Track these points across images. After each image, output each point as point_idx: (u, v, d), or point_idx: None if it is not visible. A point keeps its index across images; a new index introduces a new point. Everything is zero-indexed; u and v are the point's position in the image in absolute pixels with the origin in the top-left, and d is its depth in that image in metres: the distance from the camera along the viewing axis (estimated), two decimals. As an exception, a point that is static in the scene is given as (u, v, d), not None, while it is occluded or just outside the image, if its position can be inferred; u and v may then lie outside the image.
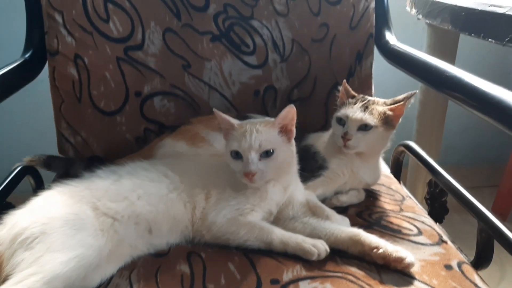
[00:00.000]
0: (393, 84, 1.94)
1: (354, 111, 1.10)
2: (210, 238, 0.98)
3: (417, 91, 1.10)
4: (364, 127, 1.09)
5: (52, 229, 0.84)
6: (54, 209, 0.89)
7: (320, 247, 0.92)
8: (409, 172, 2.11)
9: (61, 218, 0.87)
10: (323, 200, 1.14)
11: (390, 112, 1.10)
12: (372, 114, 1.09)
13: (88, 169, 1.20)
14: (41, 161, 1.25)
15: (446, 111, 1.97)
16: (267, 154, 0.95)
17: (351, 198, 1.16)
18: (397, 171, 1.39)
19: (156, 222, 0.95)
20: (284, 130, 0.99)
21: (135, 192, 0.96)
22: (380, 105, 1.12)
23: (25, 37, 1.33)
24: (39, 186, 1.29)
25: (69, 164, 1.28)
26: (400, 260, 0.89)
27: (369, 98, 1.15)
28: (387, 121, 1.11)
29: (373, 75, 1.48)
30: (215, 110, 1.00)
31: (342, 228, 0.98)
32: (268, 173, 0.96)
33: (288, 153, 1.01)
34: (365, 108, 1.10)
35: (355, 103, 1.12)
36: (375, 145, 1.13)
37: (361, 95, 1.17)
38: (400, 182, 1.34)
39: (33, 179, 1.29)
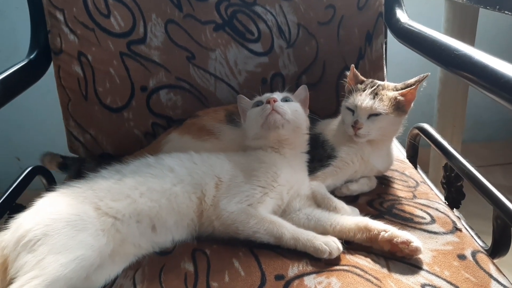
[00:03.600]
0: (414, 64, 1.88)
1: (363, 99, 1.05)
2: (220, 225, 0.96)
3: (429, 73, 1.04)
4: (375, 114, 1.04)
5: (54, 230, 0.84)
6: (57, 210, 0.89)
7: (332, 245, 0.88)
8: (432, 153, 2.04)
9: (63, 219, 0.87)
10: (333, 190, 1.11)
11: (401, 98, 1.05)
12: (382, 101, 1.04)
13: (98, 167, 1.23)
14: (58, 163, 1.27)
15: (468, 89, 1.89)
16: (287, 100, 1.08)
17: (362, 186, 1.12)
18: (413, 155, 1.33)
19: (159, 218, 0.94)
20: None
21: (138, 190, 0.95)
22: (390, 90, 1.07)
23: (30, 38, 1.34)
24: (51, 185, 1.29)
25: (81, 163, 1.29)
26: (407, 242, 0.86)
27: (379, 82, 1.10)
28: (399, 107, 1.05)
29: (385, 55, 1.42)
30: (240, 95, 1.16)
31: (348, 217, 0.96)
32: (287, 111, 1.03)
33: (304, 117, 1.10)
34: (375, 94, 1.05)
35: (364, 90, 1.07)
36: (386, 131, 1.08)
37: (370, 80, 1.12)
38: (416, 167, 1.29)
39: (44, 179, 1.30)
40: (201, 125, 1.20)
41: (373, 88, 1.07)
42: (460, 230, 0.95)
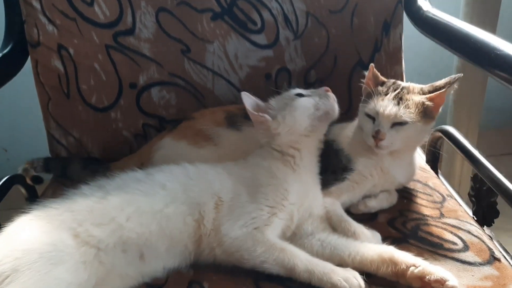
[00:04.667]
0: (426, 47, 1.73)
1: (385, 105, 0.90)
2: (222, 253, 0.83)
3: (461, 74, 0.90)
4: (399, 123, 0.90)
5: (26, 265, 0.72)
6: (29, 239, 0.76)
7: (353, 282, 0.75)
8: (445, 145, 1.89)
9: (36, 250, 0.74)
10: (349, 207, 0.97)
11: (429, 103, 0.91)
12: (408, 107, 0.89)
13: (85, 168, 1.11)
14: (39, 166, 1.16)
15: (487, 79, 1.75)
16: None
17: (381, 202, 0.98)
18: (434, 160, 1.20)
19: (148, 246, 0.81)
20: None
21: (124, 211, 0.81)
22: (416, 93, 0.92)
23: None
24: (31, 195, 1.17)
25: (66, 165, 1.17)
26: (442, 281, 0.73)
27: (402, 84, 0.95)
28: (426, 113, 0.91)
29: (403, 48, 1.28)
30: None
31: (370, 245, 0.83)
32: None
33: None
34: (399, 99, 0.91)
35: (386, 94, 0.93)
36: (412, 141, 0.94)
37: (392, 81, 0.97)
38: (438, 175, 1.16)
39: (23, 188, 1.16)
40: (198, 129, 1.07)
41: (396, 92, 0.92)
42: (499, 260, 0.82)
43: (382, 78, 0.98)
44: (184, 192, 0.86)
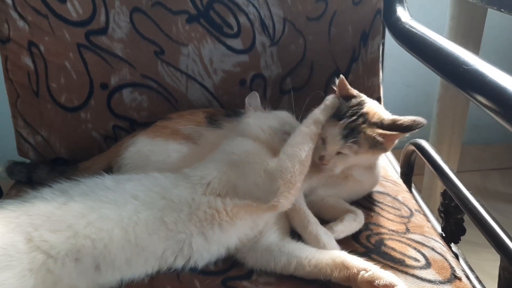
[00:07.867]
0: (413, 58, 1.73)
1: (333, 136, 0.87)
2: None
3: (425, 123, 0.84)
4: None
5: (-29, 266, 0.69)
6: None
7: None
8: (426, 169, 1.87)
9: (-15, 252, 0.71)
10: None
11: (380, 138, 0.86)
12: (357, 142, 0.86)
13: (53, 171, 1.08)
14: (5, 167, 1.12)
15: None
16: None
17: (349, 225, 0.91)
18: (408, 174, 1.18)
19: (106, 256, 0.77)
20: None
21: (84, 218, 0.78)
22: (372, 124, 0.87)
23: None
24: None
25: (31, 170, 1.12)
26: (391, 286, 0.73)
27: (364, 109, 0.89)
28: (376, 145, 0.87)
29: (382, 58, 1.26)
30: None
31: (325, 251, 0.84)
32: None
33: None
34: (351, 130, 0.87)
35: (340, 117, 0.89)
36: (358, 166, 0.94)
37: (359, 100, 0.91)
38: (411, 189, 1.14)
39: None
40: (175, 129, 1.05)
41: (352, 119, 0.88)
42: (459, 279, 0.80)
43: (352, 91, 0.92)
44: (163, 198, 0.84)
